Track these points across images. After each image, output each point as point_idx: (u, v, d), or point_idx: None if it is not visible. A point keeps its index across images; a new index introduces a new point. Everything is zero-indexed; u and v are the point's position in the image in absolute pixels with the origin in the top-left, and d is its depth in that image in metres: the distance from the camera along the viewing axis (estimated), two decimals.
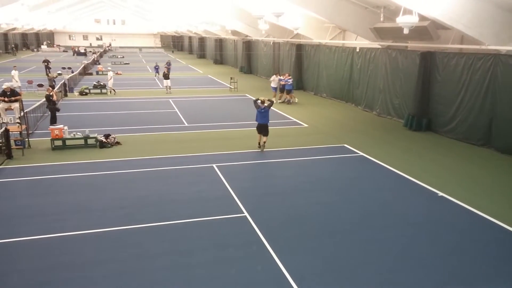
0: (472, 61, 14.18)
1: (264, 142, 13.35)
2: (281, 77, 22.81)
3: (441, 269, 6.73)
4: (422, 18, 13.41)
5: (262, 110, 13.24)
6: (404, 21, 12.36)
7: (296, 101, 22.56)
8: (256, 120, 13.43)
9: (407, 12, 12.70)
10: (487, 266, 6.84)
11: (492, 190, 10.18)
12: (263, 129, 13.30)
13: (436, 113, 16.01)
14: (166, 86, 25.76)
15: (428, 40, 15.42)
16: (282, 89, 22.65)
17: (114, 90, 25.20)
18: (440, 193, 9.90)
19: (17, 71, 25.57)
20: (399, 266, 6.79)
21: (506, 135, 13.09)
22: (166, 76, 25.89)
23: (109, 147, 13.58)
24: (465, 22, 12.77)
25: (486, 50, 13.65)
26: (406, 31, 12.82)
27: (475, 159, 12.75)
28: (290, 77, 22.86)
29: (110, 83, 25.25)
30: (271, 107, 13.85)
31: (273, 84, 22.77)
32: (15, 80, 24.84)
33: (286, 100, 22.57)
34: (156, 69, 35.17)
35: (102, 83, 25.86)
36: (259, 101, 13.41)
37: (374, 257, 7.06)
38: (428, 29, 14.33)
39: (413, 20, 12.25)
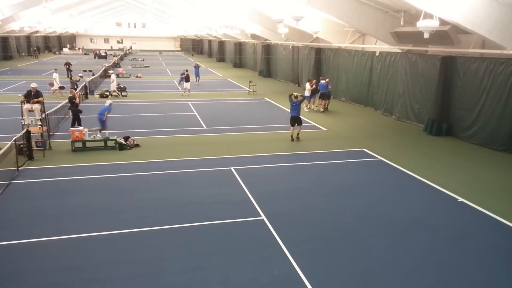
0: (494, 66, 14.01)
1: (298, 133, 15.25)
2: (322, 81, 21.01)
3: (461, 275, 6.72)
4: (442, 22, 13.34)
5: (294, 104, 15.16)
6: (425, 25, 12.33)
7: (319, 109, 21.22)
8: (290, 113, 15.38)
9: (428, 16, 12.66)
10: (506, 272, 6.79)
11: None
12: (295, 121, 15.16)
13: (456, 118, 15.84)
14: (185, 89, 26.15)
15: (449, 45, 15.30)
16: (323, 95, 20.96)
17: (119, 93, 25.17)
18: (460, 199, 9.84)
19: (57, 74, 26.16)
20: (419, 272, 6.80)
21: None
22: (187, 79, 26.29)
23: (128, 149, 13.85)
24: (486, 26, 12.64)
25: (507, 55, 13.46)
26: (426, 35, 12.78)
27: (496, 164, 12.58)
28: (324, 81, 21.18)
29: (112, 86, 25.48)
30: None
31: (306, 92, 20.84)
32: (56, 83, 25.54)
33: (322, 108, 20.89)
34: (182, 76, 32.66)
35: (122, 86, 26.38)
36: (292, 96, 15.38)
37: (394, 262, 7.08)
38: (449, 33, 14.23)
39: (433, 24, 12.22)
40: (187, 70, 27.25)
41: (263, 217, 8.71)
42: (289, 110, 19.42)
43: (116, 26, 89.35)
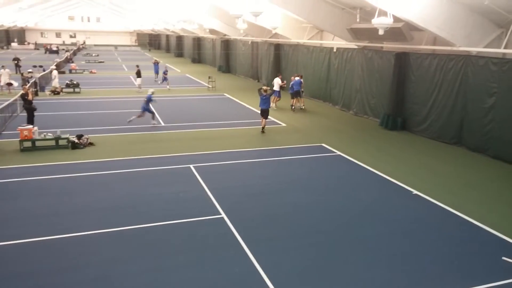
0: (444, 62, 14.58)
1: (264, 124, 16.07)
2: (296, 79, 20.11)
3: (415, 268, 6.91)
4: (396, 19, 13.72)
5: (264, 97, 15.90)
6: (379, 22, 12.62)
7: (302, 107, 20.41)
8: (260, 106, 16.14)
9: (382, 13, 12.97)
10: (460, 263, 7.06)
11: (465, 188, 10.50)
12: (264, 113, 16.06)
13: (410, 113, 16.38)
14: (138, 85, 25.41)
15: (403, 41, 15.78)
16: (293, 93, 20.19)
17: (61, 90, 24.12)
18: (415, 191, 10.14)
19: (5, 70, 24.54)
20: (375, 265, 6.94)
21: (475, 134, 13.54)
22: (138, 74, 25.48)
23: (82, 148, 13.32)
24: (438, 24, 13.12)
25: (457, 51, 14.06)
26: (381, 32, 13.10)
27: (448, 157, 13.12)
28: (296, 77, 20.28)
29: (54, 83, 24.41)
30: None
31: (275, 87, 20.51)
32: (3, 79, 23.98)
33: (295, 107, 20.06)
34: (158, 70, 30.72)
35: (75, 82, 25.30)
36: (262, 90, 16.04)
37: (351, 256, 7.18)
38: (402, 30, 14.66)
39: (388, 21, 12.53)
40: (138, 66, 26.46)
41: (223, 215, 8.63)
42: (249, 106, 19.56)
43: (68, 20, 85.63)
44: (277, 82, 20.96)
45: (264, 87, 16.22)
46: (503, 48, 12.72)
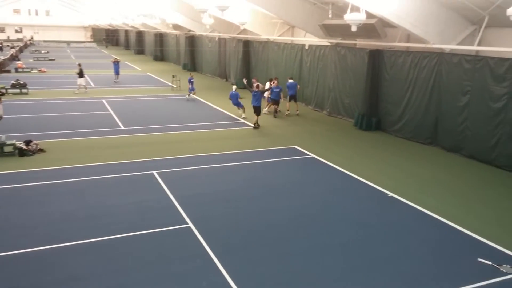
0: (418, 59, 15.13)
1: (256, 121, 16.98)
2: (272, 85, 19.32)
3: (393, 272, 7.15)
4: (369, 15, 14.12)
5: (255, 93, 16.74)
6: (352, 18, 12.97)
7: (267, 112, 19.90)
8: (251, 103, 17.14)
9: (355, 9, 13.33)
10: (436, 266, 7.37)
11: (440, 189, 10.93)
12: (255, 110, 16.96)
13: (385, 112, 16.87)
14: (79, 85, 24.75)
15: (376, 38, 16.25)
16: (293, 97, 19.72)
17: (6, 91, 23.35)
18: (390, 194, 10.47)
19: None
20: (354, 271, 7.12)
21: (450, 133, 14.11)
22: (80, 74, 24.80)
23: (31, 155, 12.98)
24: (411, 20, 13.62)
25: (431, 49, 14.63)
26: (354, 28, 13.46)
27: (423, 158, 13.60)
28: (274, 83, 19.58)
29: None
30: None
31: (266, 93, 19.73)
32: None
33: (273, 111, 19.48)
34: (118, 70, 30.18)
35: (22, 82, 24.53)
36: (254, 85, 17.34)
37: (328, 263, 7.34)
38: (376, 27, 15.11)
39: (360, 17, 12.89)
40: (80, 64, 25.92)
41: (190, 224, 8.62)
42: (217, 107, 19.75)
43: (14, 13, 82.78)
44: (267, 86, 19.89)
45: (257, 83, 17.32)
46: (476, 46, 13.34)
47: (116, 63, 30.15)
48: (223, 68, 32.29)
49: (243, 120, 18.46)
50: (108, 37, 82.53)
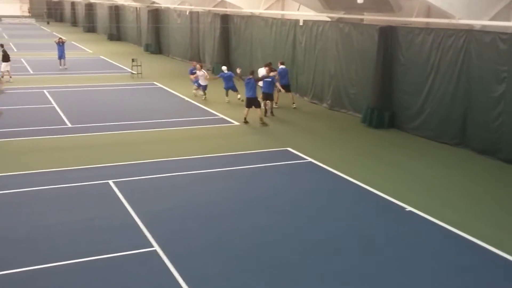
0: (441, 38, 15.18)
1: (261, 117, 17.26)
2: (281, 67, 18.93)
3: None
4: None
5: (247, 81, 16.91)
6: None
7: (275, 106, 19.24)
8: (262, 90, 17.68)
9: None
10: None
11: (471, 203, 10.92)
12: (249, 103, 17.03)
13: (400, 105, 16.91)
14: (2, 72, 24.28)
15: (388, 12, 16.28)
16: (286, 86, 19.51)
17: None
18: (408, 208, 10.45)
19: None
20: None
21: (482, 131, 14.11)
22: (4, 58, 24.23)
23: None
24: None
25: (457, 25, 14.67)
26: (360, 0, 13.44)
27: (448, 163, 13.61)
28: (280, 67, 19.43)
29: None
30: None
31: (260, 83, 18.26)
32: None
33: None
34: (63, 54, 29.28)
35: None
36: (266, 69, 18.21)
37: None
38: None
39: None
40: (2, 45, 25.41)
41: (156, 247, 8.54)
42: (189, 99, 19.63)
43: None
44: (262, 73, 19.24)
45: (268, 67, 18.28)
46: None
47: (61, 44, 29.66)
48: (196, 50, 32.15)
49: (221, 115, 18.31)
50: (50, 11, 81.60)
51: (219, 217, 9.81)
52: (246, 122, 17.20)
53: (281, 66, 19.85)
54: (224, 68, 21.16)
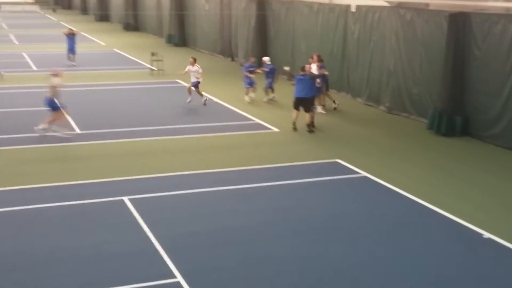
0: None
1: (308, 122, 16.94)
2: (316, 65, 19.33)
3: None
4: None
5: (300, 78, 17.01)
6: None
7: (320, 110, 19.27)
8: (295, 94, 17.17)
9: None
10: None
11: None
12: (304, 105, 16.83)
13: (475, 109, 16.65)
14: None
15: None
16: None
17: None
18: (486, 234, 10.24)
19: None
20: None
21: None
22: None
23: None
24: None
25: None
26: None
27: None
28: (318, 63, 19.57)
29: None
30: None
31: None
32: None
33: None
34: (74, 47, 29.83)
35: None
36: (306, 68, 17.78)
37: None
38: None
39: None
40: None
41: (179, 277, 8.57)
42: (219, 101, 19.63)
43: None
44: (313, 70, 19.17)
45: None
46: None
47: (71, 36, 29.76)
48: (227, 42, 32.35)
49: (258, 120, 18.32)
50: None
51: (255, 244, 9.79)
52: (295, 128, 17.00)
53: (314, 65, 19.30)
54: (266, 59, 21.21)
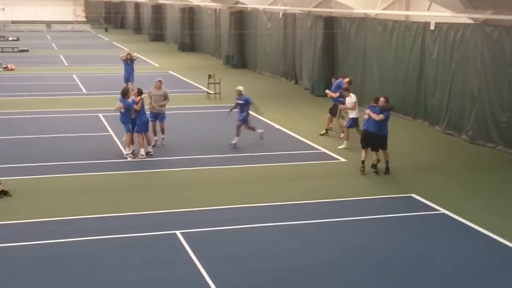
0: None
1: (376, 162, 15.89)
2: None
3: None
4: None
5: (372, 109, 15.86)
6: None
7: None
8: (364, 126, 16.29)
9: None
10: None
11: None
12: (371, 141, 15.85)
13: None
14: None
15: None
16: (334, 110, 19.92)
17: None
18: None
19: None
20: None
21: None
22: None
23: None
24: None
25: None
26: None
27: None
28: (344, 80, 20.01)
29: None
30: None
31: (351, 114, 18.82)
32: None
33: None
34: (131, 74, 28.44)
35: None
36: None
37: None
38: None
39: None
40: None
41: None
42: (282, 128, 19.43)
43: None
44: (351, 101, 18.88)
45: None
46: None
47: (129, 62, 28.34)
48: (291, 64, 32.47)
49: (323, 150, 18.26)
50: (109, 15, 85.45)
51: (315, 285, 9.75)
52: (363, 169, 15.92)
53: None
54: (241, 88, 19.14)
